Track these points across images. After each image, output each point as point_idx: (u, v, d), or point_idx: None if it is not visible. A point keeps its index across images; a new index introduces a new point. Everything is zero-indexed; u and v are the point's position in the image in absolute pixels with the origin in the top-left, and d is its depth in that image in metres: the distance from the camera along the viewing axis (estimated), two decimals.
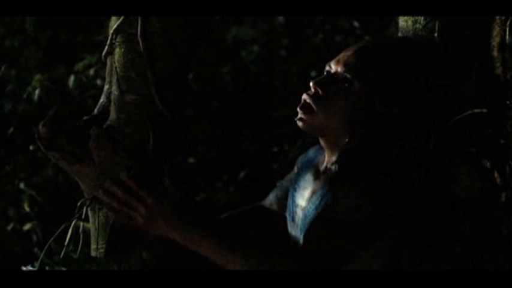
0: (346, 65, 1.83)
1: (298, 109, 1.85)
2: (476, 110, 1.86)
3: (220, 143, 4.18)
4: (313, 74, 4.09)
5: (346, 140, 1.82)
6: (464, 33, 1.92)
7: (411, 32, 1.98)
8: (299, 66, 4.31)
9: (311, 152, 2.00)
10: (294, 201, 1.92)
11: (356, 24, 4.13)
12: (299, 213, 1.87)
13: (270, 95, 4.31)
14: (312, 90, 1.85)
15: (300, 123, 1.85)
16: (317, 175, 1.89)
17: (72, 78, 3.68)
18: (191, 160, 4.14)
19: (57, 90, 3.68)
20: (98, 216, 1.97)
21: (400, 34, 2.03)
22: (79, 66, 3.65)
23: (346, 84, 1.82)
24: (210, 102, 4.28)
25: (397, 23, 2.04)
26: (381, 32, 3.91)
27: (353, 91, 1.81)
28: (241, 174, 4.01)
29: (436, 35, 1.91)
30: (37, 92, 3.63)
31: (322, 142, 1.88)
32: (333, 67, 1.86)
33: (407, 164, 1.78)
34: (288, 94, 4.17)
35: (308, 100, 1.84)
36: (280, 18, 4.61)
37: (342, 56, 1.86)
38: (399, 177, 1.75)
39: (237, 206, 3.70)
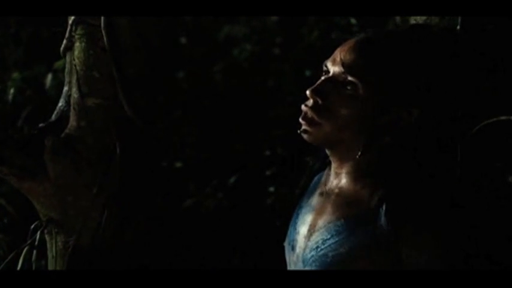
0: (344, 64, 1.63)
1: (300, 120, 1.67)
2: (502, 117, 1.74)
3: (210, 146, 4.10)
4: (308, 73, 4.02)
5: (359, 152, 1.63)
6: (488, 27, 1.81)
7: None
8: (293, 65, 4.23)
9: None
10: (295, 228, 1.75)
11: (353, 21, 4.01)
12: (300, 242, 1.70)
13: (263, 94, 4.25)
14: (310, 100, 1.66)
15: (305, 136, 1.66)
16: (321, 197, 1.72)
17: (49, 76, 3.59)
18: (178, 164, 4.04)
19: (33, 89, 3.61)
20: (56, 242, 1.89)
21: None
22: (59, 64, 3.52)
23: (349, 88, 1.62)
24: (200, 102, 4.21)
25: (395, 20, 1.98)
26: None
27: (358, 95, 1.61)
28: (232, 179, 3.90)
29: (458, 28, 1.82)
30: (12, 91, 3.55)
31: (330, 155, 1.70)
32: (330, 68, 1.67)
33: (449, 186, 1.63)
34: (282, 94, 4.11)
35: (309, 113, 1.65)
36: None
37: (339, 52, 1.65)
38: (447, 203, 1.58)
39: (226, 213, 3.63)
